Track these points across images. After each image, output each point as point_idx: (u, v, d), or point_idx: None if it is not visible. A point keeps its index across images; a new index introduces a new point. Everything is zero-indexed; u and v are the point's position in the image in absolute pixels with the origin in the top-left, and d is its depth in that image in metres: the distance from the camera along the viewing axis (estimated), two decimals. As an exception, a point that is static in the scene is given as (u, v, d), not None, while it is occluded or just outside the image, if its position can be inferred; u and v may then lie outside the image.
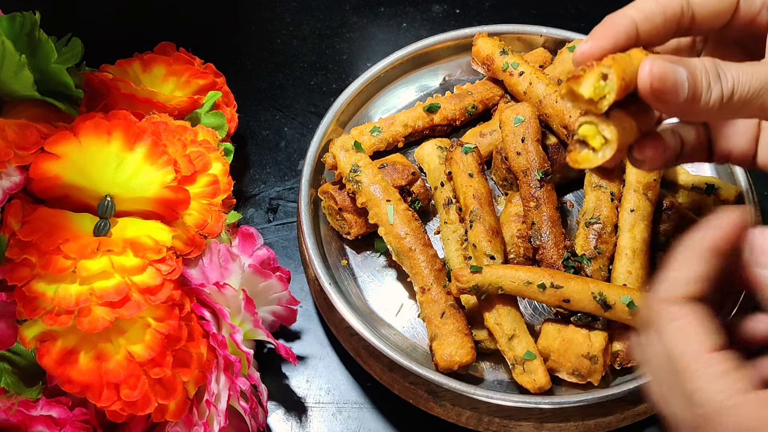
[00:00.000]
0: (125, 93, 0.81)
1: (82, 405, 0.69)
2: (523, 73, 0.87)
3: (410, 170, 0.85)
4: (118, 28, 1.10)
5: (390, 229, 0.78)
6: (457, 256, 0.80)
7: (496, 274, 0.73)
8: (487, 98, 0.92)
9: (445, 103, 0.91)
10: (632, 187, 0.79)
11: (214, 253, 0.75)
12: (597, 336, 0.74)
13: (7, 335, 0.68)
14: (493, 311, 0.74)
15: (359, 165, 0.80)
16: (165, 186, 0.72)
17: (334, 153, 0.82)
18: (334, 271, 0.83)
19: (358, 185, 0.80)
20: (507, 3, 1.14)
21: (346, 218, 0.83)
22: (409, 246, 0.78)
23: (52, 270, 0.66)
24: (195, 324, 0.72)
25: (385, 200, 0.79)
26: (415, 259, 0.78)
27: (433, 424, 0.78)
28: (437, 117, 0.90)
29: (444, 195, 0.83)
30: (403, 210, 0.79)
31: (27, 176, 0.70)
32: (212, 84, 0.91)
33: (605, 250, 0.79)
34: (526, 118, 0.81)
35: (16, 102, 0.74)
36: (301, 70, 1.07)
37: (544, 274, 0.73)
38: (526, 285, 0.72)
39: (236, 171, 0.94)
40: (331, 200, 0.83)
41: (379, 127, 0.89)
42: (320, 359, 0.85)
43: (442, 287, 0.77)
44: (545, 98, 0.84)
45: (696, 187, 0.83)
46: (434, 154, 0.85)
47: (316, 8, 1.13)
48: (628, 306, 0.72)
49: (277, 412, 0.82)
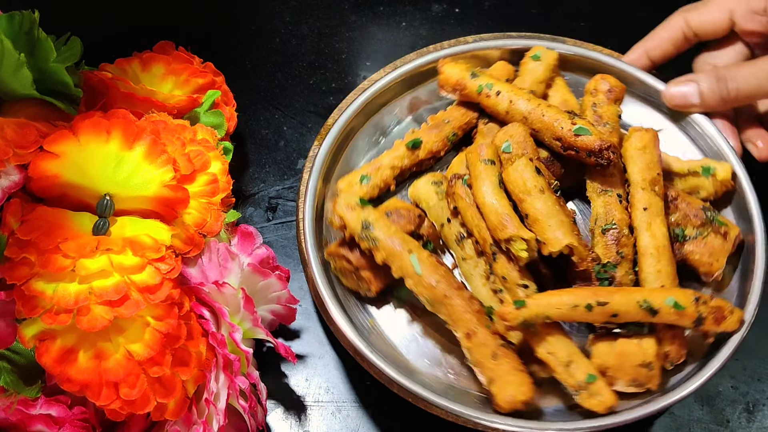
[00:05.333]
0: (124, 92, 0.81)
1: (82, 404, 0.70)
2: (500, 92, 0.84)
3: (416, 213, 0.81)
4: (118, 27, 1.10)
5: (419, 280, 0.75)
6: (486, 291, 0.78)
7: (542, 304, 0.71)
8: (465, 123, 0.88)
9: (426, 136, 0.87)
10: (639, 185, 0.79)
11: (213, 252, 0.75)
12: (647, 342, 0.73)
13: (6, 334, 0.68)
14: (544, 342, 0.73)
15: (370, 221, 0.77)
16: (164, 185, 0.73)
17: (341, 214, 0.78)
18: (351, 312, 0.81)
19: (374, 242, 0.76)
20: (506, 2, 1.14)
21: (364, 277, 0.79)
22: (444, 293, 0.74)
23: (51, 269, 0.66)
24: (194, 323, 0.72)
25: (407, 251, 0.75)
26: (452, 306, 0.74)
27: (432, 422, 0.78)
28: (422, 152, 0.87)
29: (454, 231, 0.80)
30: (427, 257, 0.76)
31: (26, 175, 0.70)
32: (211, 83, 0.91)
33: (627, 253, 0.78)
34: (520, 139, 0.80)
35: (15, 101, 0.74)
36: (300, 69, 1.07)
37: (587, 293, 0.72)
38: (572, 309, 0.71)
39: (235, 170, 0.94)
40: (344, 261, 0.79)
41: (366, 175, 0.85)
42: (319, 358, 0.85)
43: (486, 328, 0.74)
44: (530, 113, 0.82)
45: (692, 172, 0.83)
46: (431, 191, 0.83)
47: (316, 7, 1.13)
48: (674, 307, 0.71)
49: (277, 411, 0.82)
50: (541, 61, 0.90)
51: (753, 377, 0.85)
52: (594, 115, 0.84)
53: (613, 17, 1.13)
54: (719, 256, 0.79)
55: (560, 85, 0.91)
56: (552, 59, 0.90)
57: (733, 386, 0.85)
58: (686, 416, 0.83)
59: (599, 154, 0.77)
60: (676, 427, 0.82)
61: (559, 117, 0.80)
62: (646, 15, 1.13)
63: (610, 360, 0.74)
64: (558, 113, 0.81)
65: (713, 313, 0.72)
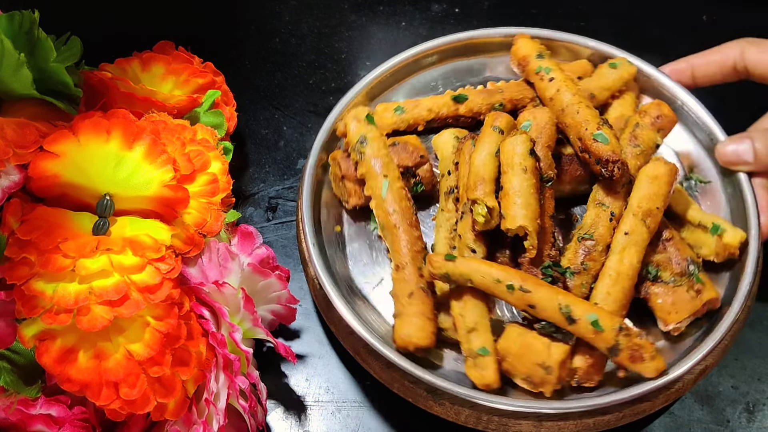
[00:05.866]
0: (124, 92, 0.81)
1: (82, 404, 0.70)
2: (553, 79, 0.85)
3: (419, 153, 0.85)
4: (118, 27, 1.10)
5: (380, 203, 0.80)
6: (444, 243, 0.80)
7: (469, 267, 0.73)
8: (516, 98, 0.90)
9: (474, 96, 0.89)
10: (632, 210, 0.77)
11: (213, 251, 0.75)
12: (557, 348, 0.72)
13: (6, 334, 0.68)
14: (461, 302, 0.75)
15: (367, 137, 0.82)
16: (164, 185, 0.72)
17: (347, 122, 0.84)
18: (326, 240, 0.84)
19: (361, 156, 0.81)
20: (506, 2, 1.14)
21: (346, 186, 0.84)
22: (395, 222, 0.79)
23: (51, 269, 0.66)
24: (194, 323, 0.72)
25: (382, 175, 0.80)
26: (396, 236, 0.79)
27: (432, 422, 0.78)
28: (463, 108, 0.89)
29: (448, 184, 0.83)
30: (398, 188, 0.80)
31: (26, 175, 0.70)
32: (211, 83, 0.91)
33: (591, 267, 0.77)
34: (542, 123, 0.80)
35: (15, 101, 0.74)
36: (300, 69, 1.08)
37: (516, 276, 0.72)
38: (495, 282, 0.72)
39: (235, 170, 0.94)
40: (337, 167, 0.85)
41: (403, 108, 0.89)
42: (319, 358, 0.85)
43: (416, 268, 0.77)
44: (568, 107, 0.82)
45: (702, 225, 0.80)
46: (450, 143, 0.85)
47: (315, 7, 1.13)
48: (592, 324, 0.71)
49: (277, 411, 0.82)
50: (615, 70, 0.89)
51: (753, 377, 0.85)
52: (631, 134, 0.82)
53: (613, 17, 1.13)
54: (681, 311, 0.76)
55: (627, 100, 0.89)
56: (627, 72, 0.89)
57: (733, 386, 0.85)
58: (686, 416, 0.83)
59: (605, 164, 0.77)
60: (676, 427, 0.82)
61: (589, 118, 0.80)
62: (646, 15, 1.14)
63: (514, 347, 0.73)
64: (591, 115, 0.80)
65: (632, 349, 0.71)
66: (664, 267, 0.77)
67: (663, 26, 1.12)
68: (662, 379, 0.73)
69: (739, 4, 1.14)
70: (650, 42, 1.09)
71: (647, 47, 0.96)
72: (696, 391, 0.84)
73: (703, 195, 0.86)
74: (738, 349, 0.85)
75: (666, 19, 1.13)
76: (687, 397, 0.83)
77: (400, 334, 0.75)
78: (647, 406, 0.76)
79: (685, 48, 0.93)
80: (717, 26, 1.12)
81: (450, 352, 0.78)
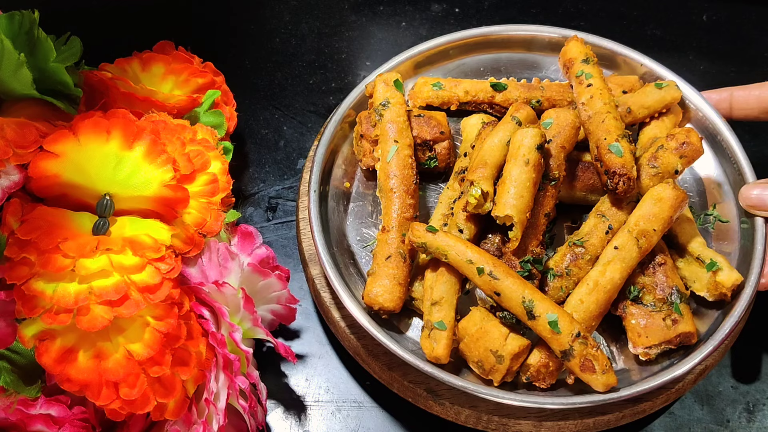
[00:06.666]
0: (124, 92, 0.81)
1: (81, 403, 0.70)
2: (591, 85, 0.85)
3: (441, 129, 0.86)
4: (117, 27, 1.10)
5: (384, 166, 0.82)
6: (439, 218, 0.82)
7: (446, 242, 0.74)
8: (555, 99, 0.90)
9: (513, 88, 0.90)
10: (628, 227, 0.77)
11: (213, 251, 0.75)
12: (514, 339, 0.72)
13: (6, 334, 0.68)
14: (435, 274, 0.76)
15: (390, 101, 0.84)
16: (164, 185, 0.72)
17: (375, 83, 0.87)
18: (331, 192, 0.86)
19: (380, 119, 0.84)
20: (506, 2, 1.14)
21: (362, 146, 0.86)
22: (392, 187, 0.81)
23: (51, 269, 0.66)
24: (194, 323, 0.72)
25: (393, 140, 0.82)
26: (390, 200, 0.81)
27: (432, 422, 0.78)
28: (499, 96, 0.90)
29: (461, 164, 0.84)
30: (405, 156, 0.82)
31: (26, 175, 0.70)
32: (211, 83, 0.91)
33: (575, 273, 0.77)
34: (563, 124, 0.80)
35: (15, 100, 0.74)
36: (300, 69, 1.08)
37: (488, 260, 0.73)
38: (467, 262, 0.73)
39: (235, 170, 0.94)
40: (360, 125, 0.87)
41: (442, 84, 0.91)
42: (319, 358, 0.85)
43: (401, 234, 0.79)
44: (595, 115, 0.82)
45: (700, 259, 0.79)
46: (476, 127, 0.87)
47: (315, 7, 1.13)
48: (550, 324, 0.71)
49: (277, 411, 0.82)
50: (659, 90, 0.88)
51: (753, 377, 0.85)
52: (653, 154, 0.81)
53: (613, 17, 1.13)
54: (651, 336, 0.75)
55: (666, 123, 0.88)
56: (671, 96, 0.88)
57: (733, 386, 0.85)
58: (686, 416, 0.83)
59: (612, 175, 0.77)
60: (676, 427, 0.82)
61: (611, 129, 0.80)
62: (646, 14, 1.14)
63: (473, 329, 0.73)
64: (615, 127, 0.80)
65: (585, 357, 0.70)
66: (648, 290, 0.77)
67: (663, 26, 1.12)
68: (662, 379, 0.73)
69: (740, 3, 1.14)
70: (650, 42, 1.10)
71: (647, 47, 0.96)
72: (696, 391, 0.84)
73: (717, 232, 0.85)
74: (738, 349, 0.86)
75: (666, 19, 1.13)
76: (687, 397, 0.83)
77: (368, 292, 0.76)
78: (647, 406, 0.76)
79: (686, 48, 0.92)
80: (717, 26, 1.12)
81: (419, 323, 0.79)
